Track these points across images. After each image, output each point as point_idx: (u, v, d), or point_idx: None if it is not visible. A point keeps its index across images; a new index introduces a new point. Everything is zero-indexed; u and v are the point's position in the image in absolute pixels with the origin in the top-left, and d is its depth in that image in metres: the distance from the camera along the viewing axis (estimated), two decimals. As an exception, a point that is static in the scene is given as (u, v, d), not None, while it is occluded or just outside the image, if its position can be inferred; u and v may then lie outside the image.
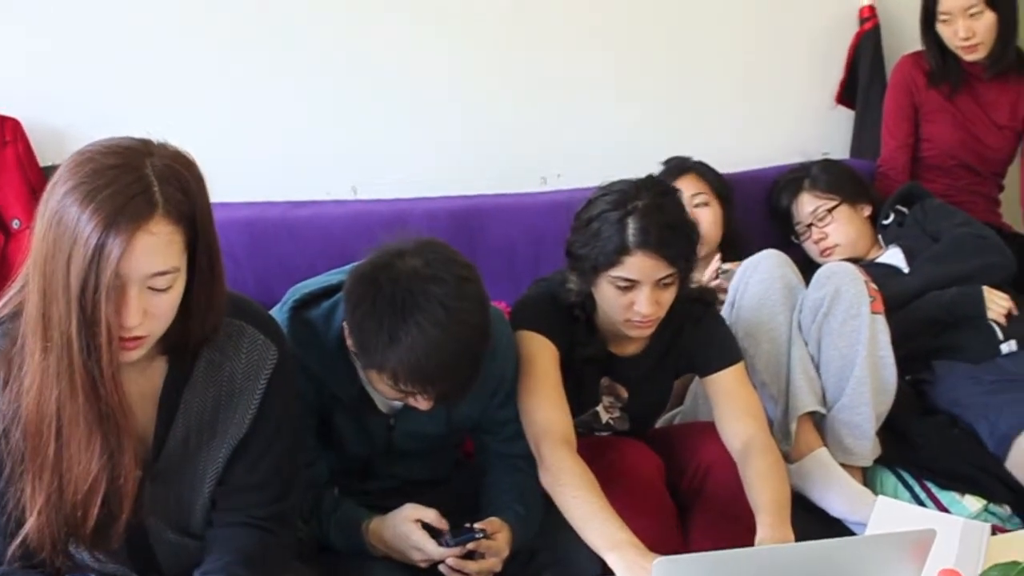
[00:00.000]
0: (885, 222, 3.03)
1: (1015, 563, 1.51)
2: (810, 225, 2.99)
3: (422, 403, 1.83)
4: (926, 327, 2.67)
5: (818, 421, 2.47)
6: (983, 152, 3.19)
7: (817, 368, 2.50)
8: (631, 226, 2.01)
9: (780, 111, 3.36)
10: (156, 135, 1.46)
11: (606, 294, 2.09)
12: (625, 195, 2.05)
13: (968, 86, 3.16)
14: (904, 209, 3.02)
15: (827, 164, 3.11)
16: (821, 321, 2.48)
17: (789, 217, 3.05)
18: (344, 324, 1.86)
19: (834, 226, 2.97)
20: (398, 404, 1.94)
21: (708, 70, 3.25)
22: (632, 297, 2.06)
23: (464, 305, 1.77)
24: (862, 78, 3.34)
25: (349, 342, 1.84)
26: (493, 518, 1.96)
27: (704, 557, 1.48)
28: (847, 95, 3.39)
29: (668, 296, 2.09)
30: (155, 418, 1.61)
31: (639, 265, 2.02)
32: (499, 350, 2.00)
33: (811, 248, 2.99)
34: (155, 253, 1.39)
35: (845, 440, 2.46)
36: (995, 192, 3.29)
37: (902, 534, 1.55)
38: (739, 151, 3.13)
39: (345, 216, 2.80)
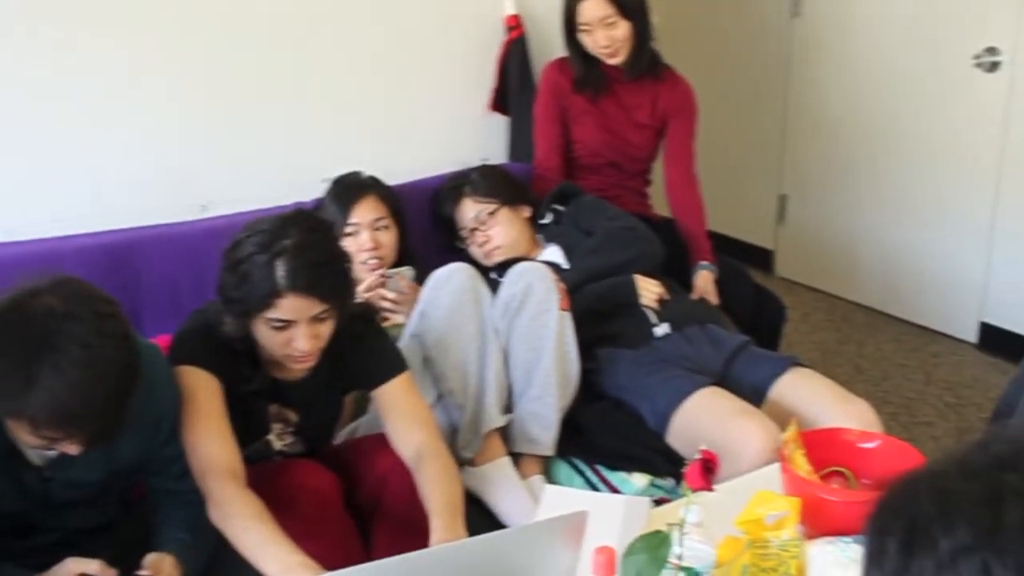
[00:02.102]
0: (543, 222, 3.14)
1: (657, 532, 1.61)
2: (473, 229, 3.07)
3: (71, 448, 1.75)
4: (587, 318, 2.79)
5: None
6: (627, 151, 3.36)
7: (506, 360, 2.59)
8: (280, 269, 1.99)
9: (437, 121, 3.42)
10: None
11: (263, 334, 2.07)
12: (271, 235, 2.03)
13: (610, 89, 3.31)
14: (560, 208, 3.15)
15: (485, 169, 3.20)
16: (512, 317, 2.59)
17: (453, 223, 3.12)
18: None
19: (496, 228, 3.06)
20: (52, 453, 1.85)
21: (363, 86, 3.26)
22: (289, 335, 2.05)
23: (105, 343, 1.70)
24: (513, 85, 3.44)
25: None
26: (152, 554, 1.90)
27: (365, 569, 1.50)
28: (500, 102, 3.48)
29: (326, 329, 2.10)
30: None
31: (292, 306, 2.01)
32: (156, 387, 1.94)
33: (476, 251, 3.07)
34: None
35: (532, 430, 2.56)
36: (643, 187, 3.49)
37: (555, 519, 1.62)
38: (399, 162, 3.15)
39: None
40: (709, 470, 1.61)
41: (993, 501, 0.91)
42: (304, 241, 2.03)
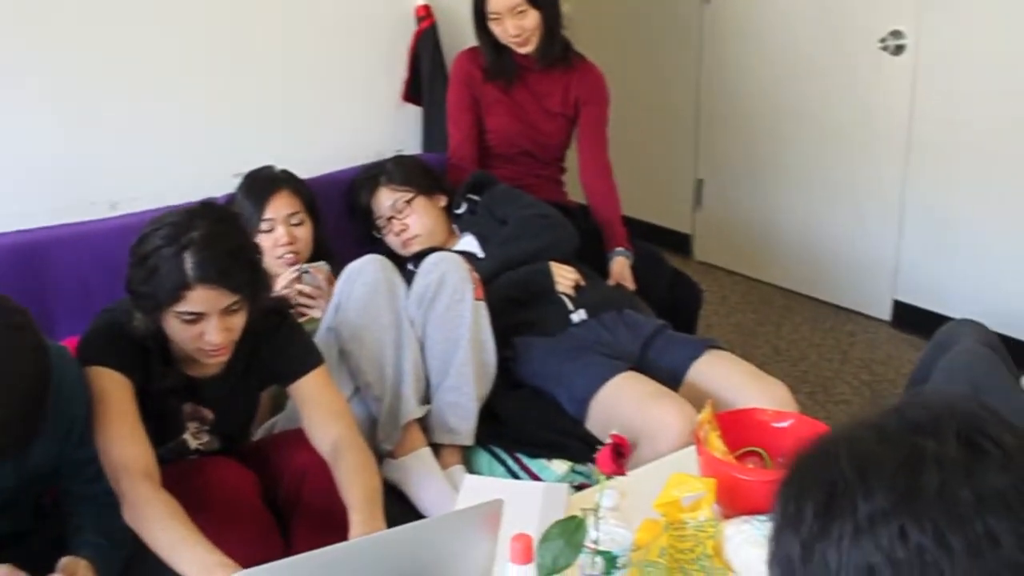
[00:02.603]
0: (458, 211, 3.15)
1: (573, 517, 1.62)
2: (390, 218, 3.06)
3: None
4: (503, 307, 2.79)
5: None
6: (540, 139, 3.37)
7: (423, 352, 2.58)
8: (188, 260, 1.97)
9: (349, 113, 3.40)
10: None
11: (174, 328, 2.04)
12: (178, 228, 2.00)
13: (522, 78, 3.31)
14: (475, 197, 3.15)
15: (400, 159, 3.19)
16: (427, 307, 2.59)
17: (369, 213, 3.11)
18: None
19: (413, 217, 3.05)
20: None
21: (273, 78, 3.22)
22: (200, 328, 2.03)
23: (17, 356, 1.68)
24: (425, 75, 3.43)
25: None
26: (66, 558, 1.87)
27: (281, 565, 1.49)
28: (412, 92, 3.47)
29: (238, 321, 2.08)
30: None
31: (202, 298, 1.99)
32: (65, 390, 1.91)
33: (393, 240, 3.06)
34: None
35: (450, 421, 2.56)
36: (557, 174, 3.50)
37: (471, 508, 1.62)
38: (312, 155, 3.12)
39: None
40: (620, 454, 1.63)
41: (911, 466, 0.92)
42: (212, 232, 2.01)
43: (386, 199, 3.07)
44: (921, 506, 0.90)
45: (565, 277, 2.93)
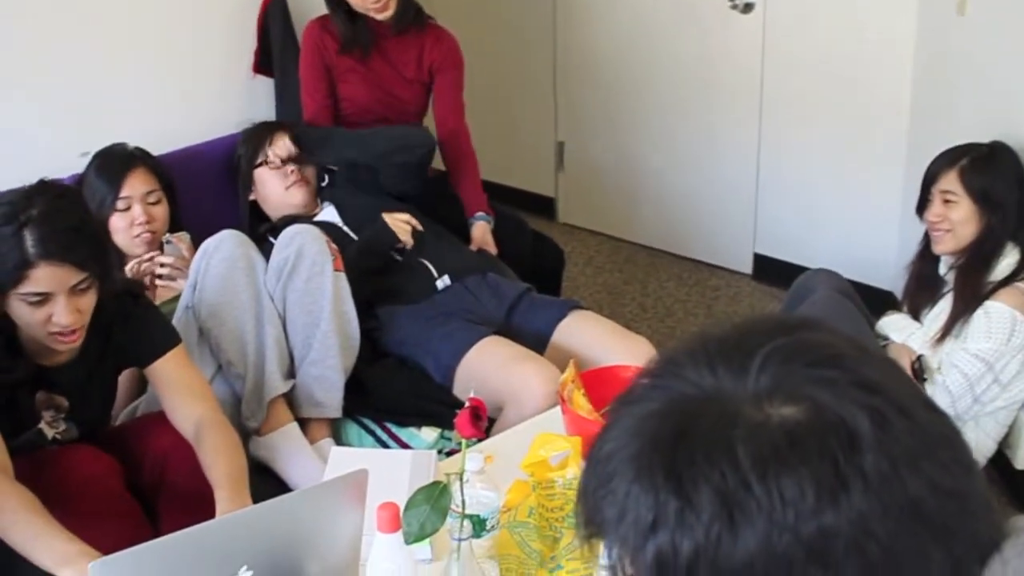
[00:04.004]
0: (322, 184, 3.12)
1: (437, 483, 1.62)
2: (285, 161, 3.06)
3: None
4: (365, 277, 2.78)
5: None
6: (397, 106, 3.33)
7: (285, 326, 2.55)
8: (29, 238, 1.90)
9: (201, 86, 3.32)
10: None
11: (20, 313, 1.97)
12: (15, 206, 1.93)
13: (377, 46, 3.27)
14: (334, 168, 3.13)
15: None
16: (286, 281, 2.55)
17: (253, 158, 3.09)
18: None
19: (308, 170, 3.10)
20: None
21: (120, 54, 3.12)
22: (48, 310, 1.96)
23: None
24: (275, 46, 3.37)
25: None
26: None
27: (141, 549, 1.45)
28: (264, 64, 3.41)
29: (88, 301, 2.02)
30: None
31: (47, 277, 1.92)
32: None
33: (278, 182, 3.06)
34: None
35: (316, 394, 2.54)
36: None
37: (335, 480, 1.61)
38: (163, 132, 3.04)
39: None
40: (478, 417, 1.63)
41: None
42: (52, 208, 1.95)
43: (286, 146, 3.07)
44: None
45: (400, 223, 2.92)
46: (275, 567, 1.56)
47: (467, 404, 1.63)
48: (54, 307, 1.96)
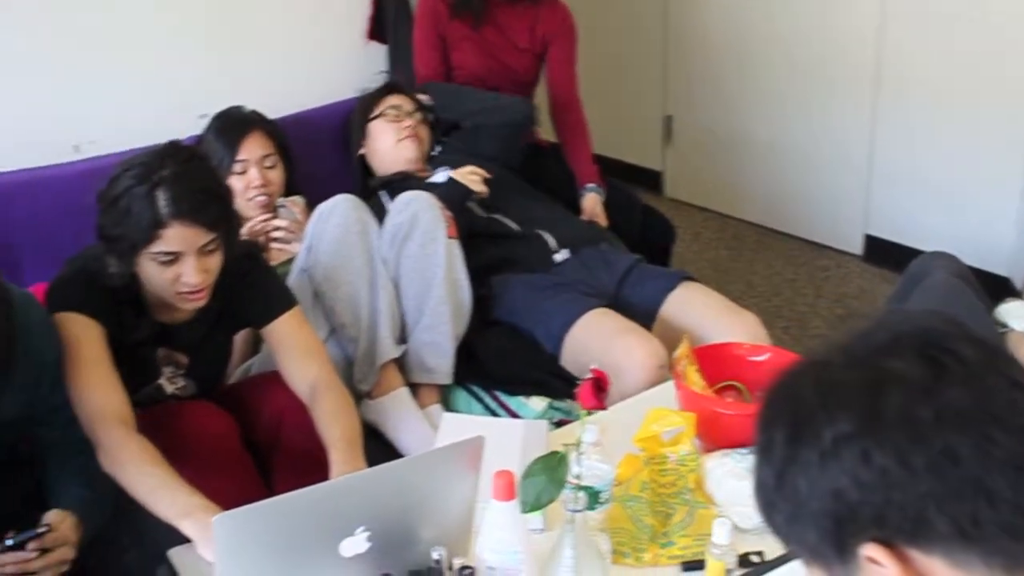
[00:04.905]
0: (432, 154, 3.12)
1: (555, 453, 1.61)
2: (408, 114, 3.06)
3: None
4: (482, 244, 2.79)
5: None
6: (509, 75, 3.32)
7: (398, 291, 2.56)
8: (161, 198, 1.94)
9: (314, 52, 3.32)
10: None
11: (150, 272, 2.01)
12: (148, 167, 1.97)
13: (490, 14, 3.26)
14: (445, 139, 3.14)
15: None
16: (400, 246, 2.56)
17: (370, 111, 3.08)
18: None
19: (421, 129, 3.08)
20: None
21: (238, 18, 3.14)
22: (177, 270, 1.99)
23: None
24: (389, 13, 3.38)
25: None
26: (52, 510, 1.86)
27: (262, 506, 1.47)
28: (377, 30, 3.41)
29: (215, 262, 2.05)
30: None
31: (177, 236, 1.96)
32: (33, 337, 1.88)
33: (393, 135, 3.04)
34: None
35: (427, 360, 2.55)
36: (527, 112, 3.47)
37: (452, 445, 1.61)
38: (277, 96, 3.05)
39: None
40: (600, 389, 1.62)
41: (873, 388, 0.93)
42: (183, 170, 1.98)
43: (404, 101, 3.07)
44: (883, 427, 0.91)
45: (466, 174, 2.90)
46: (390, 529, 1.57)
47: (589, 375, 1.62)
48: (183, 267, 1.99)
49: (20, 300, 1.83)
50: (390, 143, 3.01)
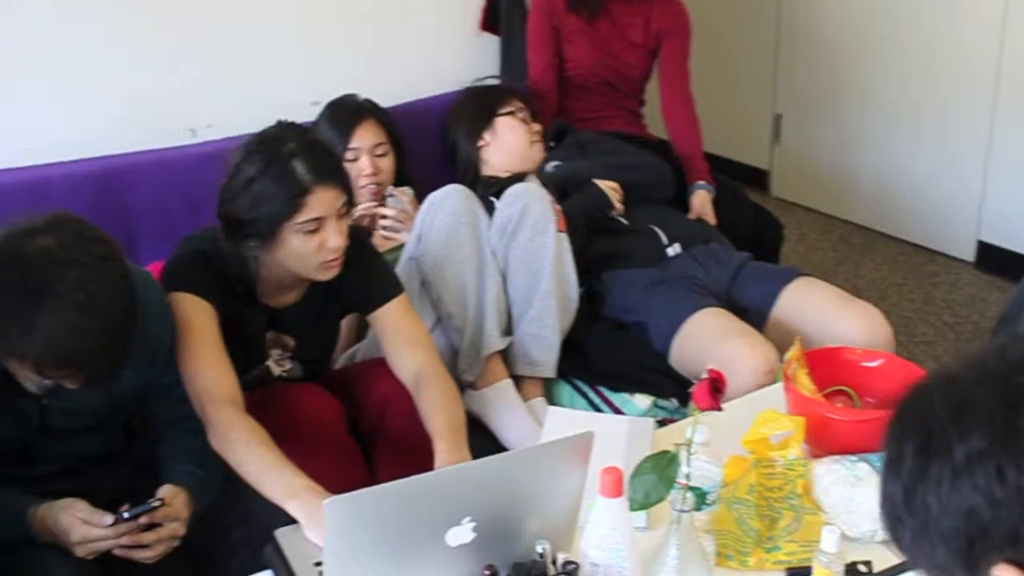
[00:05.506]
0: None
1: (665, 452, 1.60)
2: (519, 110, 3.05)
3: (71, 384, 1.75)
4: (591, 239, 2.77)
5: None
6: (621, 70, 3.32)
7: (505, 283, 2.56)
8: (299, 167, 1.99)
9: (428, 42, 3.33)
10: None
11: (294, 245, 2.03)
12: (273, 147, 2.03)
13: (605, 9, 3.26)
14: (551, 144, 3.13)
15: None
16: (509, 238, 2.56)
17: (485, 106, 3.07)
18: None
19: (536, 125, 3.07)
20: (48, 382, 1.83)
21: (352, 6, 3.17)
22: (321, 237, 2.03)
23: (107, 288, 1.69)
24: (503, 4, 3.38)
25: None
26: (166, 485, 1.89)
27: (373, 491, 1.48)
28: (491, 21, 3.41)
29: (346, 225, 2.09)
30: None
31: (320, 200, 2.01)
32: (151, 315, 1.91)
33: (513, 132, 3.03)
34: None
35: (532, 352, 2.55)
36: (636, 107, 3.45)
37: (562, 440, 1.60)
38: (389, 85, 3.07)
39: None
40: (717, 390, 1.59)
41: (1008, 405, 0.91)
42: (308, 140, 2.07)
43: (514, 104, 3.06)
44: (1018, 445, 0.89)
45: (610, 188, 2.91)
46: (496, 521, 1.57)
47: (705, 375, 1.60)
48: (326, 232, 2.03)
49: (140, 279, 1.86)
50: (522, 143, 3.00)
